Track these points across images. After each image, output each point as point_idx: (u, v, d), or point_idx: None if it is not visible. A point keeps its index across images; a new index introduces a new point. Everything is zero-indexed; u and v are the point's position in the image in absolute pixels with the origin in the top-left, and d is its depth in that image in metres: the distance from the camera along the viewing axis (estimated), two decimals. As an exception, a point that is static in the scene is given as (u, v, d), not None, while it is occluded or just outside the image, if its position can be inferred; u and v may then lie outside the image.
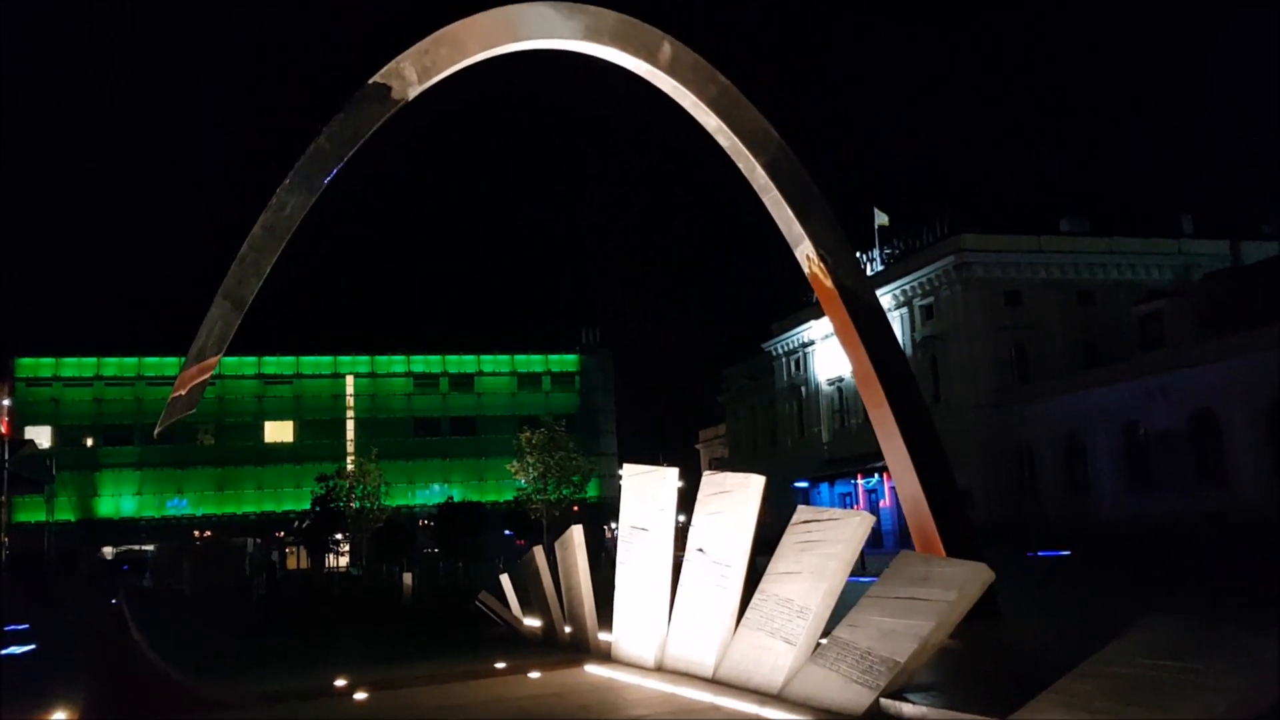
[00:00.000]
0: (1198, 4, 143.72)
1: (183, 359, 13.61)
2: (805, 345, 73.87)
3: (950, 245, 57.48)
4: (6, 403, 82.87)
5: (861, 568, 22.40)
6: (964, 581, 8.60)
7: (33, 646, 23.23)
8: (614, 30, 15.73)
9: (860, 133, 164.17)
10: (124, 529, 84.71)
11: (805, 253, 16.36)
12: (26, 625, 27.99)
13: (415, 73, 14.58)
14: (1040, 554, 39.88)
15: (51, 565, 61.67)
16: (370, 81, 14.35)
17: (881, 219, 64.70)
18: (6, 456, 53.42)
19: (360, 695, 11.66)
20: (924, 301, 60.21)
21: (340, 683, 12.14)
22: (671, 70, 16.02)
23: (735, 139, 16.31)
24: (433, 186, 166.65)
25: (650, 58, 15.91)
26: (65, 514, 76.04)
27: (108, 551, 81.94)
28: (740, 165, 16.76)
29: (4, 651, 21.82)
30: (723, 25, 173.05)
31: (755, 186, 16.78)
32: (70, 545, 72.02)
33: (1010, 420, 54.22)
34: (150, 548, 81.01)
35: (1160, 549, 36.68)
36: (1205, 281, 54.07)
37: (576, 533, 14.42)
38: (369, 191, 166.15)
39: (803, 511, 10.60)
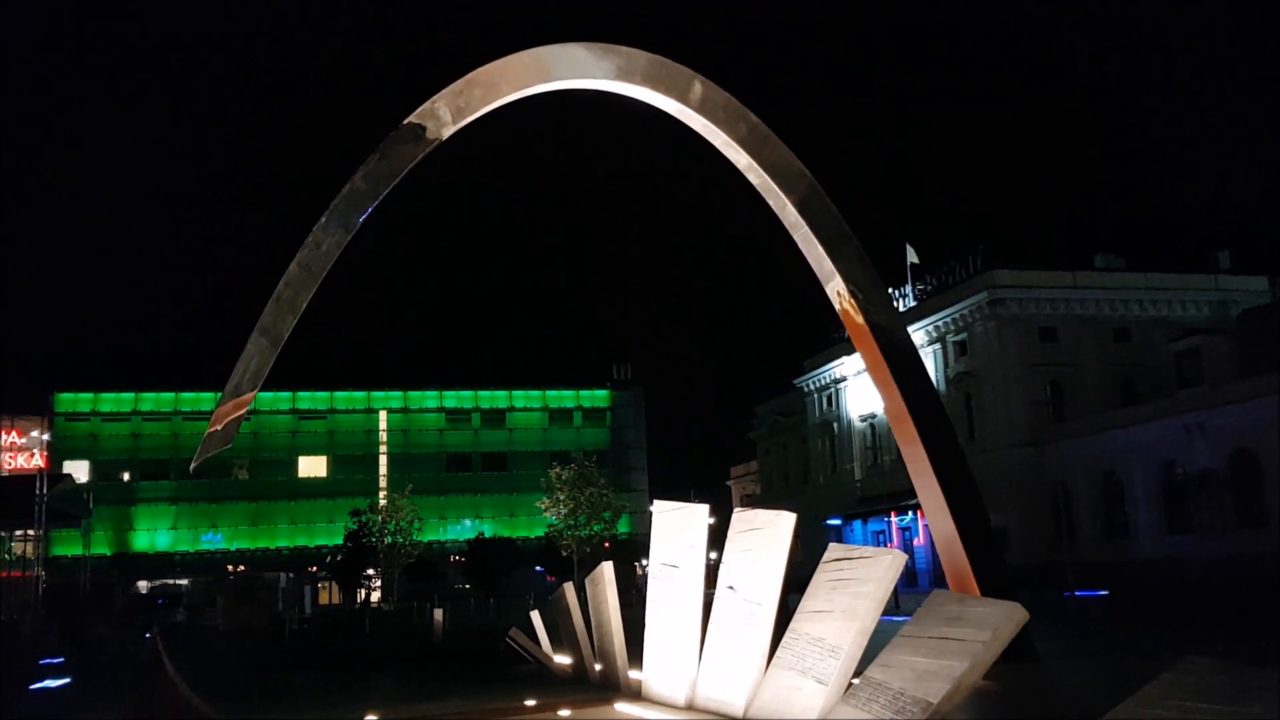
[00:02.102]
0: (1234, 38, 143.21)
1: (219, 394, 13.80)
2: (837, 381, 73.52)
3: (983, 281, 57.10)
4: (46, 437, 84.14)
5: (895, 606, 22.17)
6: (997, 622, 8.48)
7: (68, 680, 23.39)
8: (645, 70, 15.92)
9: (891, 167, 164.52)
10: (159, 563, 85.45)
11: (836, 289, 16.39)
12: (62, 659, 28.21)
13: (449, 113, 14.80)
14: (1077, 594, 39.32)
15: (87, 599, 62.08)
16: (405, 122, 14.58)
17: (913, 255, 64.54)
18: (45, 491, 53.98)
19: (390, 731, 11.67)
20: (957, 338, 59.80)
21: (370, 718, 12.15)
22: (702, 109, 16.17)
23: (766, 177, 16.41)
24: (466, 223, 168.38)
25: (681, 97, 16.08)
26: (101, 548, 76.62)
27: (142, 586, 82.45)
28: (771, 202, 16.85)
29: (40, 685, 21.99)
30: (750, 61, 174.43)
31: (786, 223, 16.85)
32: (106, 579, 72.52)
33: (1046, 459, 53.55)
34: (184, 582, 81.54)
35: (1198, 590, 36.04)
36: (1243, 318, 53.41)
37: (607, 569, 14.37)
38: (403, 229, 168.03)
39: (834, 549, 10.50)
